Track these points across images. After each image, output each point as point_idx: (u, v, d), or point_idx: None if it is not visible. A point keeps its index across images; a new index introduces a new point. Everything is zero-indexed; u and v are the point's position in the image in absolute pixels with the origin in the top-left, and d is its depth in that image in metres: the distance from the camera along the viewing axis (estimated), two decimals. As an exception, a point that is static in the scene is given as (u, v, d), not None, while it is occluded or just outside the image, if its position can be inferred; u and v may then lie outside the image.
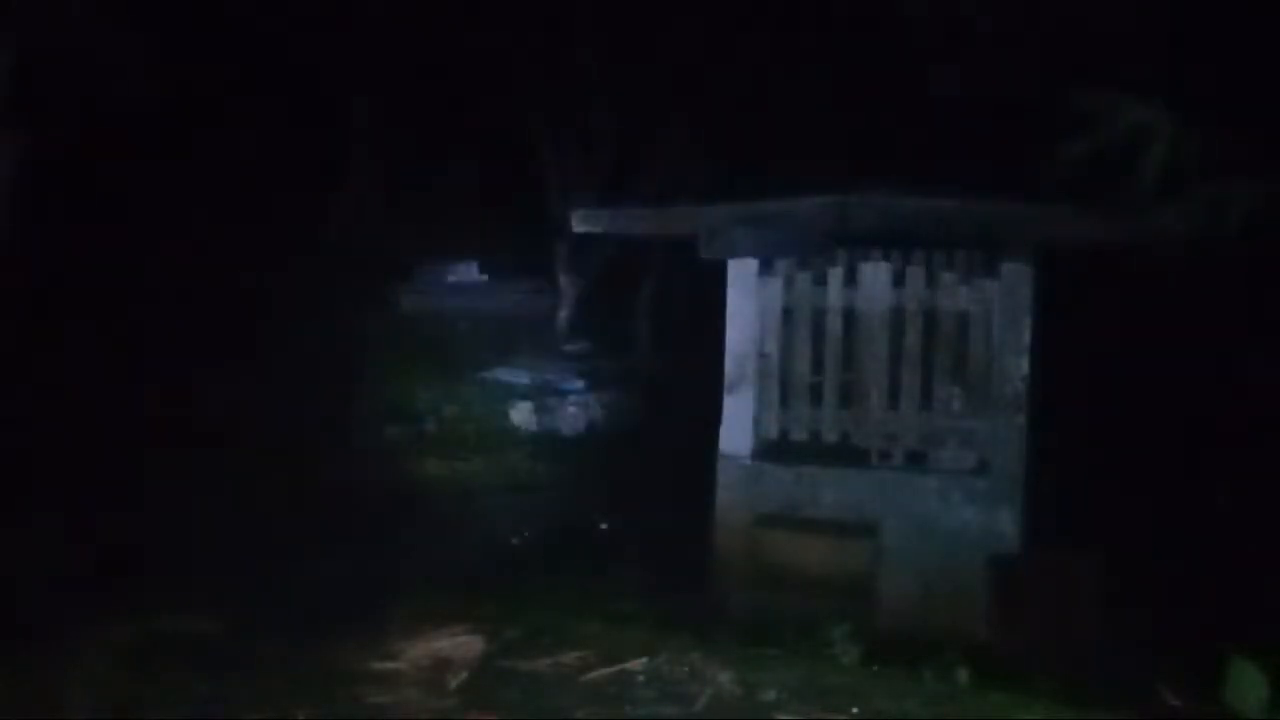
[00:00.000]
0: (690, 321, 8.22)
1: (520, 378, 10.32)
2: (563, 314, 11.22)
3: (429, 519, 7.47)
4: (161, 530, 6.47)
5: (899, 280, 6.28)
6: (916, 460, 6.24)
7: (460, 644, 5.03)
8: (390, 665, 4.82)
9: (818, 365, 6.40)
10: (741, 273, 6.37)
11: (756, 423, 6.36)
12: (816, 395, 6.40)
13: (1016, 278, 5.96)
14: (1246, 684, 2.21)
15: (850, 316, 6.32)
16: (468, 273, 11.90)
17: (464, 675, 4.70)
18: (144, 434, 7.67)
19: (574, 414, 10.00)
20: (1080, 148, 5.22)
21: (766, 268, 6.48)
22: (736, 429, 6.33)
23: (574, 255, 10.67)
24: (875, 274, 6.34)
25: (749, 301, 6.37)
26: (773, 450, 6.39)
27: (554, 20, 10.23)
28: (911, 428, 6.23)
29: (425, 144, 10.89)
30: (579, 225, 6.89)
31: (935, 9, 7.62)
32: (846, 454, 6.30)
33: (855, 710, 4.45)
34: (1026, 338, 5.95)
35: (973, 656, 5.08)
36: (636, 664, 4.82)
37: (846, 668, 5.03)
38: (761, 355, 6.38)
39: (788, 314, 6.42)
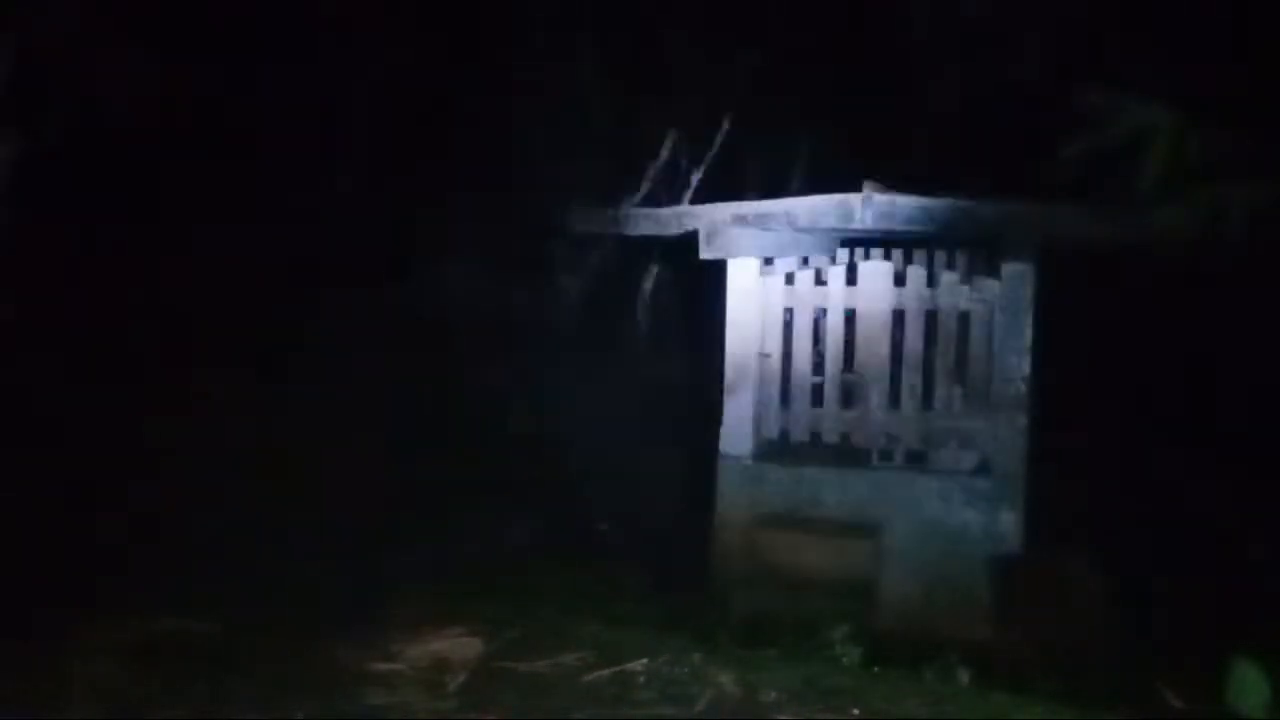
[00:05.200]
0: (690, 322, 8.23)
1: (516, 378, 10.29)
2: (561, 314, 11.20)
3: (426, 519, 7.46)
4: (157, 533, 6.47)
5: (900, 280, 6.29)
6: (917, 460, 6.24)
7: (459, 644, 5.03)
8: (389, 666, 4.81)
9: (818, 365, 6.41)
10: (741, 273, 6.37)
11: (757, 423, 6.37)
12: (817, 395, 6.41)
13: (1017, 278, 5.96)
14: (1248, 685, 2.21)
15: (851, 316, 6.33)
16: (468, 272, 11.86)
17: (463, 676, 4.70)
18: (144, 437, 7.67)
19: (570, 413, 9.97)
20: (1080, 148, 5.22)
21: (767, 267, 6.48)
22: (737, 429, 6.33)
23: (573, 255, 10.66)
24: (876, 274, 6.35)
25: (749, 301, 6.37)
26: (773, 451, 6.39)
27: (555, 18, 10.23)
28: (912, 428, 6.23)
29: (425, 144, 10.88)
30: (579, 225, 6.89)
31: (936, 9, 7.62)
32: (847, 454, 6.31)
33: (856, 711, 4.45)
34: (1027, 338, 5.95)
35: (974, 657, 5.08)
36: (637, 665, 4.82)
37: (847, 668, 5.03)
38: (762, 355, 6.38)
39: (788, 314, 6.42)
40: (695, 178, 10.11)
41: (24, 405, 7.39)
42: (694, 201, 6.67)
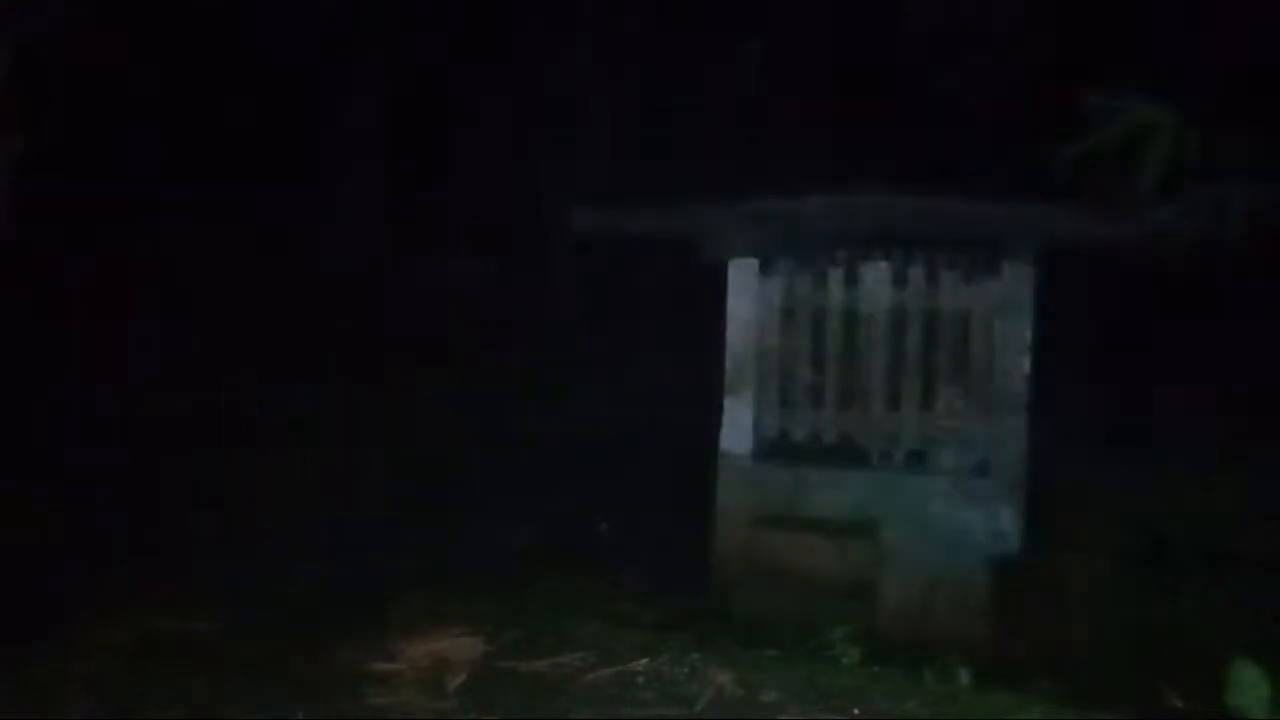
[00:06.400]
0: (690, 321, 8.22)
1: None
2: (561, 313, 11.19)
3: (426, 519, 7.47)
4: (158, 533, 6.47)
5: (899, 280, 6.28)
6: (917, 461, 6.24)
7: (459, 644, 5.03)
8: (389, 666, 4.81)
9: (818, 365, 6.41)
10: (741, 273, 6.37)
11: (756, 423, 6.36)
12: (817, 395, 6.40)
13: (1017, 278, 5.96)
14: (1248, 684, 2.21)
15: (851, 317, 6.32)
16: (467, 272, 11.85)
17: (463, 676, 4.70)
18: (142, 431, 7.68)
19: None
20: (1080, 148, 5.23)
21: (767, 267, 6.48)
22: (736, 429, 6.33)
23: (573, 254, 10.66)
24: (876, 274, 6.34)
25: (749, 301, 6.36)
26: (773, 450, 6.38)
27: (554, 18, 10.24)
28: (912, 428, 6.23)
29: (424, 143, 10.88)
30: (578, 225, 6.88)
31: (936, 9, 7.63)
32: (847, 454, 6.30)
33: (856, 711, 4.44)
34: (1027, 338, 5.95)
35: (974, 657, 5.07)
36: (637, 665, 4.82)
37: (847, 668, 5.02)
38: (762, 355, 6.38)
39: (788, 314, 6.42)
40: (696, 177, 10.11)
41: (23, 403, 7.40)
42: (694, 201, 6.65)
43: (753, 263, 6.37)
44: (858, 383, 6.31)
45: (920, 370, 6.20)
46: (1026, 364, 5.94)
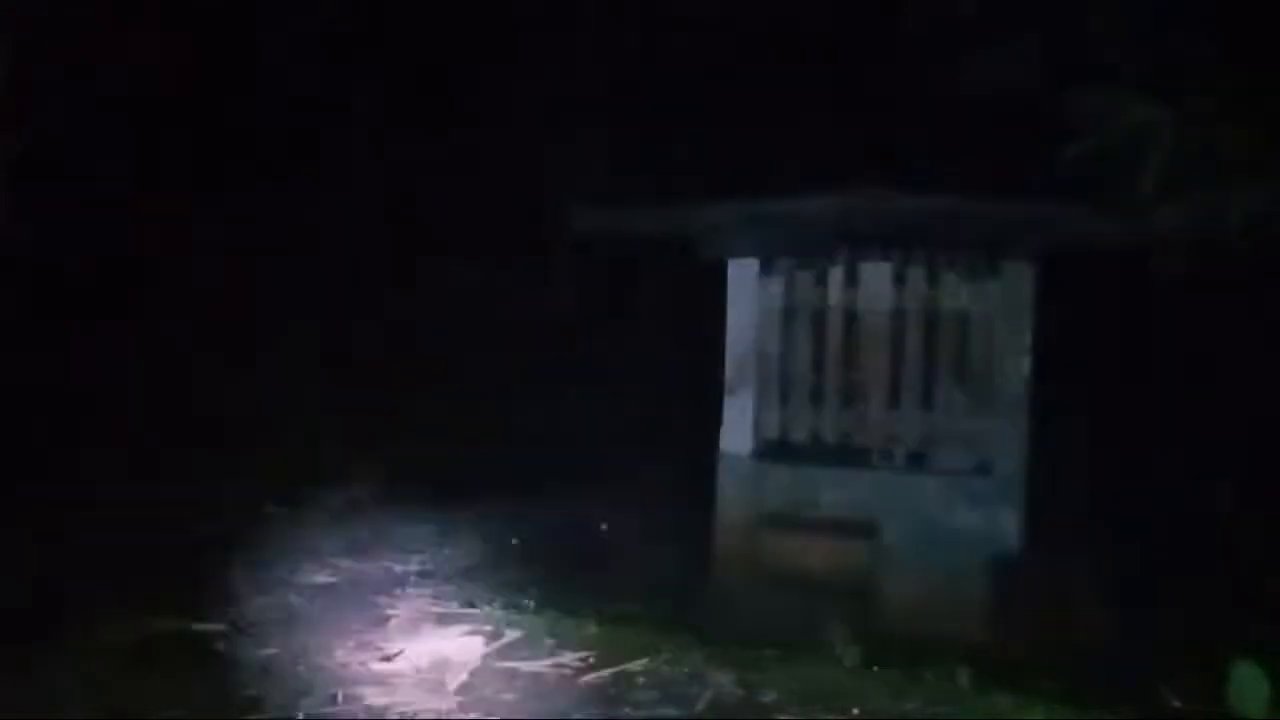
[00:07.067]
0: (690, 321, 8.23)
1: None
2: (562, 313, 11.20)
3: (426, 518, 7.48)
4: (158, 533, 6.47)
5: (900, 280, 6.28)
6: (917, 461, 6.23)
7: (459, 644, 5.04)
8: (389, 666, 4.82)
9: (818, 365, 6.40)
10: (741, 273, 6.37)
11: (757, 423, 6.36)
12: (817, 395, 6.40)
13: (1017, 278, 5.96)
14: (1248, 685, 2.21)
15: (851, 316, 6.32)
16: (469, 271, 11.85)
17: (463, 676, 4.70)
18: (142, 432, 7.69)
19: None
20: (1080, 148, 5.23)
21: (767, 267, 6.48)
22: (737, 429, 6.33)
23: (574, 254, 10.67)
24: (876, 274, 6.34)
25: (749, 301, 6.37)
26: (773, 450, 6.38)
27: (554, 19, 10.24)
28: (912, 428, 6.23)
29: (424, 143, 10.88)
30: (578, 225, 6.89)
31: (937, 7, 7.62)
32: (847, 454, 6.30)
33: (856, 711, 4.45)
34: (1027, 338, 5.94)
35: (974, 657, 5.08)
36: (637, 665, 4.82)
37: (847, 669, 5.03)
38: (762, 355, 6.38)
39: (788, 314, 6.41)
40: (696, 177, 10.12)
41: (24, 403, 7.40)
42: (694, 201, 6.65)
43: (753, 263, 6.37)
44: (858, 383, 6.30)
45: (920, 370, 6.20)
46: (1026, 364, 5.93)
